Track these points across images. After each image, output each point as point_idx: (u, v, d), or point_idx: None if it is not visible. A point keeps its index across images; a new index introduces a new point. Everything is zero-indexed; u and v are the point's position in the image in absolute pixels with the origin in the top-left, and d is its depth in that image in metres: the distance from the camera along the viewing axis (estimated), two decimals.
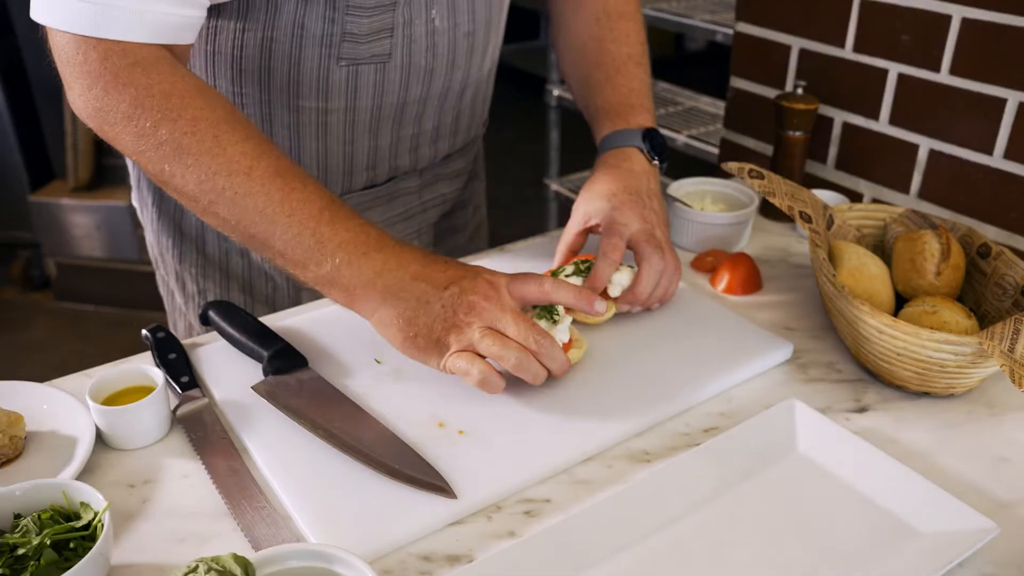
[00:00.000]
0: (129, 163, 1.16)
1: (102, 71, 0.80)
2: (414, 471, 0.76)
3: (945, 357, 0.85)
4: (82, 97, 0.82)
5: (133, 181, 1.18)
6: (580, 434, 0.82)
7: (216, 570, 0.59)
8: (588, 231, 1.02)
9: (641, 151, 1.06)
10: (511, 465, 0.78)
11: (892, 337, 0.87)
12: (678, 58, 5.34)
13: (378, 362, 0.91)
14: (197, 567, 0.59)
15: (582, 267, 0.98)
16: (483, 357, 0.81)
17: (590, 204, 1.01)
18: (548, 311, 0.88)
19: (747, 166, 1.04)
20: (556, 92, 2.75)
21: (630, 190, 1.01)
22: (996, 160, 1.13)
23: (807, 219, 1.00)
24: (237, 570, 0.59)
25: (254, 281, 1.11)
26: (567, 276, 0.98)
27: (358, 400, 0.85)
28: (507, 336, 0.81)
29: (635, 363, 0.92)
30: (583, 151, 1.34)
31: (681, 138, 2.31)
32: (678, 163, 1.28)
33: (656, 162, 1.07)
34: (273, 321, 0.98)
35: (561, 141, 2.85)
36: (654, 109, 1.13)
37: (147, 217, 1.15)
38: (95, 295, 3.10)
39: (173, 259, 1.13)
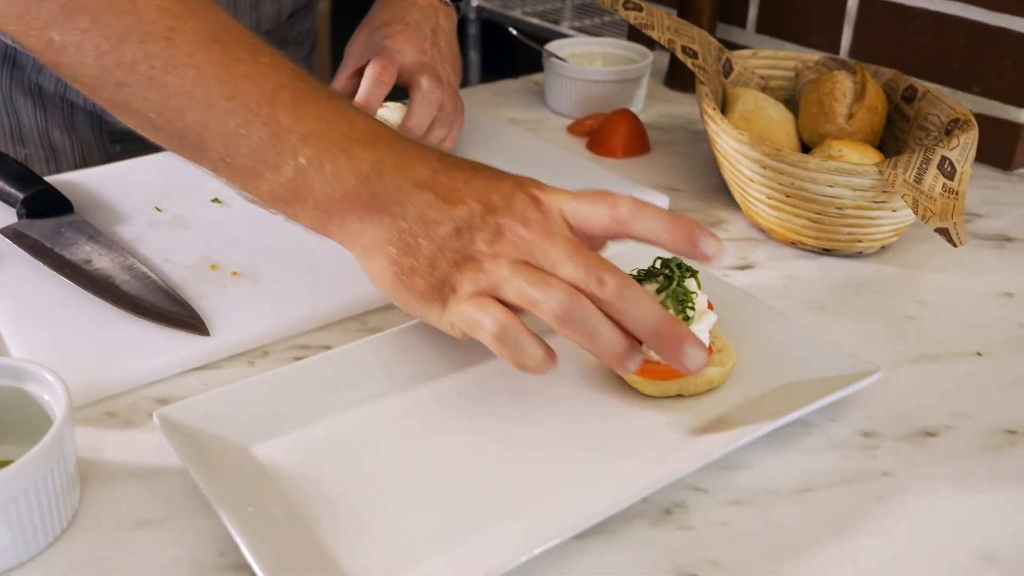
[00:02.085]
0: None
1: None
2: (162, 306, 0.71)
3: (840, 193, 0.80)
4: None
5: None
6: None
7: None
8: (360, 72, 0.96)
9: None
10: (287, 306, 0.73)
11: (777, 172, 0.81)
12: None
13: (158, 209, 0.87)
14: None
15: (662, 270, 0.67)
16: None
17: (360, 41, 0.96)
18: (677, 298, 0.64)
19: None
20: (475, 2, 2.69)
21: (408, 21, 0.96)
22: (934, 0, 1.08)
23: (691, 54, 0.95)
24: None
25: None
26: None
27: (126, 246, 0.81)
28: (555, 275, 0.58)
29: None
30: (508, 72, 1.29)
31: None
32: None
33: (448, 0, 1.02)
34: (53, 178, 0.93)
35: (483, 60, 2.79)
36: None
37: None
38: None
39: None
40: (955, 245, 0.74)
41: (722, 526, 0.57)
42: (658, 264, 0.67)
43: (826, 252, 0.86)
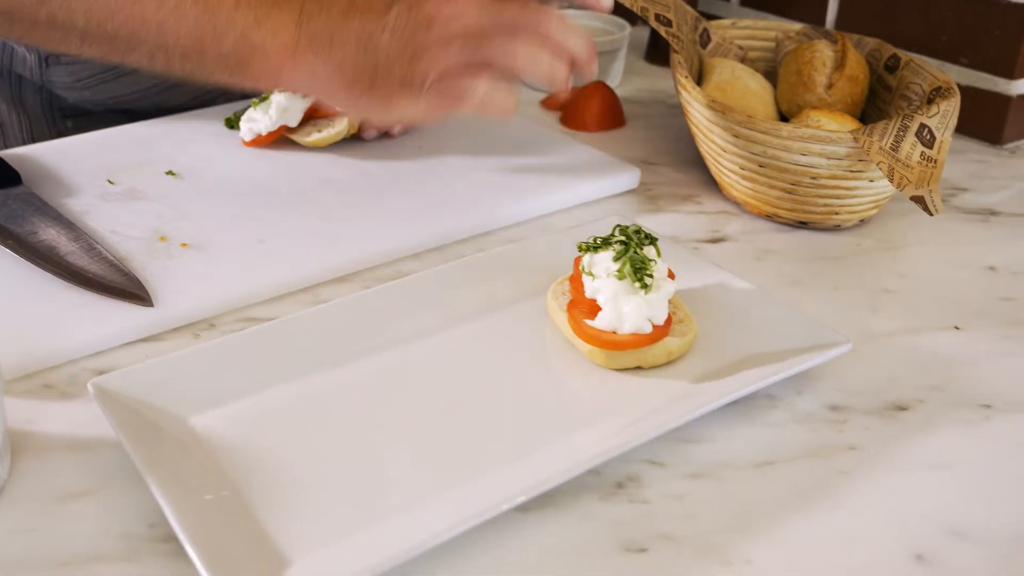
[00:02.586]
0: None
1: None
2: (105, 277, 0.71)
3: (815, 162, 0.79)
4: None
5: None
6: (337, 249, 0.77)
7: None
8: None
9: None
10: (236, 277, 0.73)
11: (749, 142, 0.81)
12: None
13: (111, 183, 0.87)
14: None
15: (619, 237, 0.70)
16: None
17: None
18: (634, 266, 0.65)
19: None
20: None
21: None
22: None
23: (665, 23, 0.94)
24: None
25: None
26: None
27: (74, 218, 0.81)
28: (496, 33, 0.66)
29: (436, 178, 0.89)
30: None
31: None
32: None
33: None
34: (3, 152, 0.93)
35: None
36: None
37: None
38: None
39: None
40: (931, 214, 0.74)
41: (677, 500, 0.56)
42: (617, 232, 0.66)
43: (802, 225, 0.85)
